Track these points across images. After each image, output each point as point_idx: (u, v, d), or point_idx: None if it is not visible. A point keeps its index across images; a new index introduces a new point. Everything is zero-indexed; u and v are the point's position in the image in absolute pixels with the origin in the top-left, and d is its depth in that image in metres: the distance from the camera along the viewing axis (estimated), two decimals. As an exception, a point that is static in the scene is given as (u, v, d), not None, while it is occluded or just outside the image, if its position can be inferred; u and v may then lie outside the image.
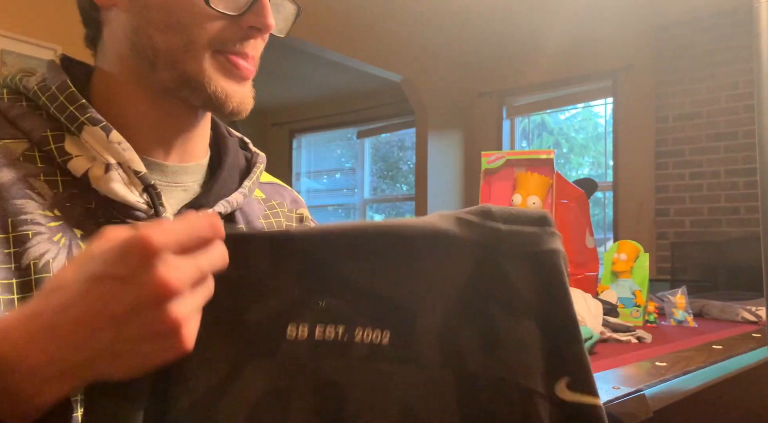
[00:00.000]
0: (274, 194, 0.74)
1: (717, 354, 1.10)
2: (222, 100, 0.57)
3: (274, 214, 0.71)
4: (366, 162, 6.14)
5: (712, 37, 3.99)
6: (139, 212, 0.55)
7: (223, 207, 0.61)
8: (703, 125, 4.03)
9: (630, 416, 0.77)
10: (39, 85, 0.56)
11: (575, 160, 5.41)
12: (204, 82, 0.56)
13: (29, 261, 0.50)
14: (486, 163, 1.78)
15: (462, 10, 4.04)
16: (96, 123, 0.54)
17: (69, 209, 0.53)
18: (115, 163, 0.54)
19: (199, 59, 0.56)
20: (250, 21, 0.57)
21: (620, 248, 1.66)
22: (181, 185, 0.62)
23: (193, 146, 0.63)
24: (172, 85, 0.57)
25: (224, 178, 0.64)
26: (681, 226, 4.11)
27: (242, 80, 0.59)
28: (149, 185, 0.56)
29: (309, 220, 0.76)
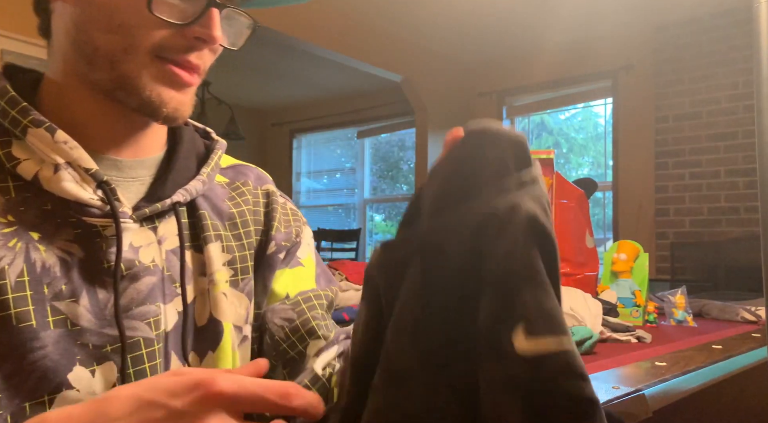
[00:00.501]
0: (236, 176, 0.72)
1: (717, 354, 1.10)
2: (156, 105, 0.56)
3: (240, 193, 0.70)
4: (366, 162, 6.14)
5: (712, 37, 3.99)
6: (94, 209, 0.54)
7: (181, 196, 0.61)
8: (703, 125, 4.03)
9: (630, 416, 0.77)
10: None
11: (575, 160, 5.41)
12: (139, 86, 0.55)
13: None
14: (486, 163, 1.78)
15: (462, 11, 4.04)
16: (39, 124, 0.53)
17: (23, 213, 0.53)
18: (64, 163, 0.54)
19: (138, 63, 0.55)
20: (196, 32, 0.56)
21: (620, 248, 1.66)
22: (138, 179, 0.61)
23: (148, 141, 0.63)
24: (108, 86, 0.56)
25: (180, 168, 0.63)
26: (681, 226, 4.11)
27: (181, 88, 0.58)
28: (102, 181, 0.55)
29: (276, 194, 0.74)
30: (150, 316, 0.57)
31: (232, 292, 0.65)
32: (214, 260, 0.63)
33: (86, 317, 0.53)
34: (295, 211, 0.76)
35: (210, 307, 0.62)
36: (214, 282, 0.63)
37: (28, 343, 0.50)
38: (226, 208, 0.67)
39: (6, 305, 0.49)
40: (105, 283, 0.55)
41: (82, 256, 0.54)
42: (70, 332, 0.52)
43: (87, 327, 0.53)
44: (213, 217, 0.65)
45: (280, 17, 3.76)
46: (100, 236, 0.55)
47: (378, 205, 6.23)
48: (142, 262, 0.57)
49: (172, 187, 0.61)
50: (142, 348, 0.56)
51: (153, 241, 0.59)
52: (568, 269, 1.68)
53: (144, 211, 0.58)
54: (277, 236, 0.71)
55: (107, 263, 0.55)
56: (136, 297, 0.57)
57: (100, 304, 0.54)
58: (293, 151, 6.51)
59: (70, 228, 0.54)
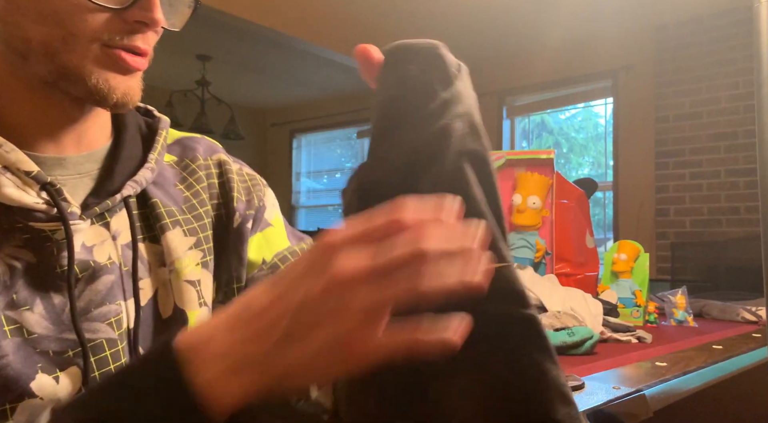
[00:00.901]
0: (184, 151, 0.69)
1: (717, 354, 1.10)
2: (104, 92, 0.53)
3: (191, 172, 0.67)
4: (366, 162, 6.13)
5: (712, 37, 3.99)
6: (40, 214, 0.52)
7: (131, 188, 0.59)
8: (703, 125, 4.03)
9: (630, 416, 0.77)
10: None
11: (575, 160, 5.41)
12: (84, 74, 0.52)
13: None
14: (486, 163, 1.78)
15: (462, 11, 4.04)
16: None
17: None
18: (1, 168, 0.51)
19: (80, 52, 0.51)
20: (136, 15, 0.52)
21: (620, 248, 1.66)
22: (86, 175, 0.58)
23: (92, 133, 0.60)
24: (50, 78, 0.52)
25: (126, 157, 0.61)
26: (681, 226, 4.11)
27: (128, 73, 0.54)
28: (46, 183, 0.52)
29: (229, 162, 0.71)
30: (111, 315, 0.56)
31: (206, 273, 0.63)
32: (174, 248, 0.61)
33: (42, 324, 0.52)
34: (252, 175, 0.74)
35: (174, 298, 0.60)
36: (176, 271, 0.61)
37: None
38: (178, 192, 0.65)
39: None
40: (60, 287, 0.53)
41: (33, 262, 0.52)
42: (27, 340, 0.51)
43: (44, 334, 0.52)
44: (167, 204, 0.63)
45: (280, 17, 3.76)
46: (51, 240, 0.53)
47: (378, 205, 6.23)
48: (98, 262, 0.56)
49: (121, 179, 0.59)
50: (106, 349, 0.55)
51: (107, 238, 0.57)
52: (569, 269, 1.68)
53: (94, 209, 0.56)
54: (239, 207, 0.69)
55: (60, 267, 0.53)
56: (94, 298, 0.55)
57: (56, 309, 0.53)
58: (293, 151, 6.50)
59: (18, 233, 0.52)
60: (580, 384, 0.80)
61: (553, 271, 1.66)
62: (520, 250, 1.70)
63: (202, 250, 0.64)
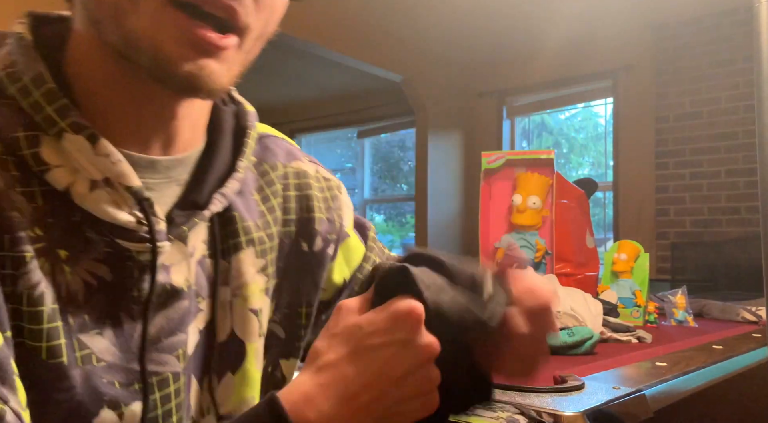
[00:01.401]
0: (264, 153, 0.62)
1: (717, 354, 1.10)
2: (164, 66, 0.43)
3: (268, 182, 0.61)
4: (366, 162, 6.14)
5: (712, 37, 3.99)
6: (131, 232, 0.46)
7: (219, 203, 0.52)
8: (703, 125, 4.03)
9: (630, 416, 0.77)
10: (6, 70, 0.44)
11: (575, 160, 5.41)
12: (148, 41, 0.42)
13: (23, 290, 0.42)
14: (486, 163, 1.78)
15: (462, 10, 4.04)
16: (80, 130, 0.44)
17: (51, 226, 0.44)
18: (102, 179, 0.45)
19: (146, 11, 0.42)
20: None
21: (620, 248, 1.66)
22: (175, 181, 0.51)
23: (183, 134, 0.51)
24: (121, 48, 0.44)
25: (217, 164, 0.53)
26: (681, 226, 4.10)
27: (202, 49, 0.43)
28: (143, 199, 0.46)
29: (308, 173, 0.64)
30: (179, 346, 0.50)
31: (266, 301, 0.58)
32: (244, 271, 0.55)
33: (111, 351, 0.46)
34: (329, 179, 0.67)
35: (233, 324, 0.54)
36: (242, 296, 0.55)
37: (56, 383, 0.43)
38: (254, 203, 0.58)
39: (39, 336, 0.42)
40: (132, 311, 0.47)
41: (109, 281, 0.46)
42: (95, 369, 0.45)
43: (112, 362, 0.46)
44: (245, 218, 0.56)
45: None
46: (133, 260, 0.47)
47: (378, 206, 6.23)
48: (175, 285, 0.50)
49: (209, 189, 0.52)
50: (171, 384, 0.49)
51: (185, 256, 0.51)
52: (569, 269, 1.68)
53: (182, 228, 0.49)
54: (321, 229, 0.63)
55: (137, 291, 0.47)
56: (165, 326, 0.49)
57: (125, 335, 0.47)
58: (293, 151, 6.50)
59: (101, 245, 0.46)
60: (580, 384, 0.80)
61: (553, 271, 1.66)
62: (520, 250, 1.70)
63: (266, 275, 0.58)
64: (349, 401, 0.41)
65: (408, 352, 0.41)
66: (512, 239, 1.72)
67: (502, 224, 1.77)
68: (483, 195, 1.79)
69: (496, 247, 1.75)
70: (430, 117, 4.91)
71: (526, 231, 1.72)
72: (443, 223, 4.98)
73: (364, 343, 0.42)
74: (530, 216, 1.71)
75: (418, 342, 0.41)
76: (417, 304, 0.42)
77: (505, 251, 0.58)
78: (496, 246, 1.75)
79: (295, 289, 0.61)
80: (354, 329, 0.43)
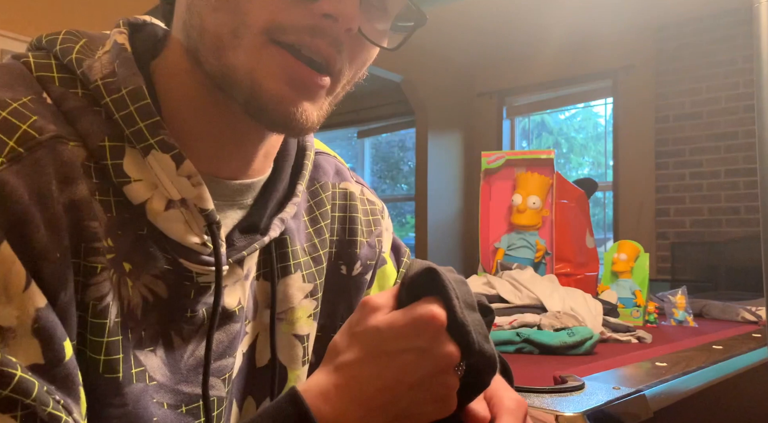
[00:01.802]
0: (316, 172, 0.61)
1: (717, 354, 1.10)
2: (264, 104, 0.44)
3: (318, 203, 0.60)
4: (366, 162, 6.14)
5: (712, 37, 3.99)
6: (195, 253, 0.46)
7: (278, 228, 0.52)
8: (703, 125, 4.03)
9: (630, 416, 0.77)
10: (105, 80, 0.44)
11: (575, 160, 5.41)
12: (247, 77, 0.44)
13: (90, 300, 0.42)
14: (486, 163, 1.78)
15: (462, 11, 4.03)
16: (168, 150, 0.44)
17: (120, 238, 0.44)
18: (179, 200, 0.45)
19: (248, 47, 0.43)
20: (324, 7, 0.43)
21: (620, 248, 1.66)
22: (237, 204, 0.52)
23: (261, 159, 0.52)
24: (218, 78, 0.45)
25: (279, 188, 0.54)
26: (681, 226, 4.10)
27: (300, 87, 0.45)
28: (213, 223, 0.46)
29: (355, 195, 0.64)
30: (227, 370, 0.50)
31: (313, 325, 0.58)
32: (291, 296, 0.55)
33: (162, 371, 0.46)
34: (373, 201, 0.67)
35: (275, 348, 0.54)
36: (288, 321, 0.55)
37: (109, 399, 0.43)
38: (304, 226, 0.58)
39: (99, 349, 0.42)
40: (183, 332, 0.47)
41: (165, 298, 0.46)
42: (147, 388, 0.45)
43: (162, 382, 0.46)
44: (295, 242, 0.56)
45: (280, 17, 3.75)
46: (191, 280, 0.47)
47: (378, 205, 6.24)
48: (228, 308, 0.50)
49: (270, 214, 0.52)
50: (215, 408, 0.49)
51: (240, 278, 0.51)
52: (569, 269, 1.68)
53: (242, 253, 0.49)
54: (362, 254, 0.63)
55: (191, 312, 0.47)
56: (215, 350, 0.49)
57: (175, 355, 0.47)
58: (293, 151, 6.50)
59: (161, 262, 0.46)
60: (580, 384, 0.80)
61: (553, 271, 1.66)
62: (520, 250, 1.70)
63: (315, 300, 0.58)
64: (364, 403, 0.41)
65: (426, 360, 0.41)
66: (512, 239, 1.72)
67: (502, 224, 1.77)
68: (483, 195, 1.79)
69: (496, 247, 1.75)
70: (430, 117, 4.91)
71: (526, 231, 1.72)
72: (443, 223, 4.98)
73: (383, 348, 0.42)
74: (530, 216, 1.71)
75: (437, 350, 0.41)
76: (440, 312, 0.42)
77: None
78: (496, 246, 1.75)
79: (329, 312, 0.61)
80: (374, 332, 0.42)
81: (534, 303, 1.30)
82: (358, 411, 0.41)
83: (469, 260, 5.02)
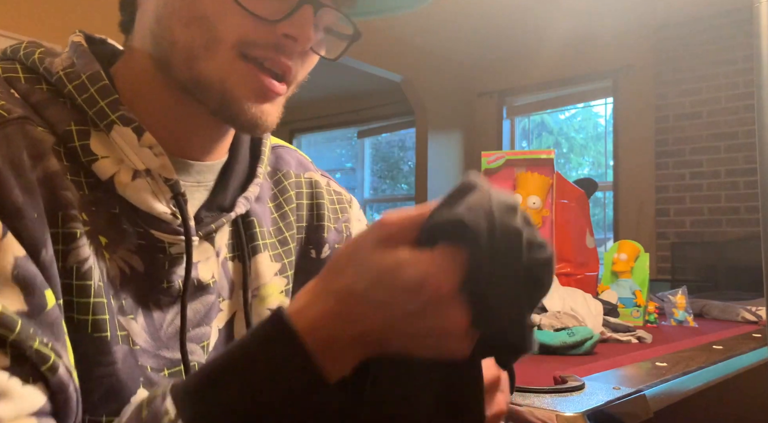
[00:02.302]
0: (278, 162, 0.66)
1: (717, 354, 1.10)
2: (235, 111, 0.50)
3: (282, 189, 0.65)
4: (366, 162, 6.14)
5: (712, 37, 3.99)
6: (164, 223, 0.50)
7: (243, 206, 0.57)
8: (703, 125, 4.03)
9: (630, 416, 0.77)
10: (66, 70, 0.49)
11: (575, 160, 5.41)
12: (219, 87, 0.50)
13: (73, 263, 0.45)
14: (486, 163, 1.78)
15: (462, 11, 4.03)
16: (128, 123, 0.49)
17: (95, 214, 0.48)
18: (144, 170, 0.49)
19: (219, 61, 0.49)
20: (285, 28, 0.49)
21: (620, 248, 1.66)
22: (204, 185, 0.56)
23: (221, 145, 0.58)
24: (188, 85, 0.51)
25: (239, 170, 0.59)
26: (681, 226, 4.10)
27: (263, 95, 0.51)
28: (178, 194, 0.51)
29: (320, 184, 0.68)
30: (204, 338, 0.54)
31: (287, 302, 0.61)
32: (262, 273, 0.59)
33: (143, 337, 0.50)
34: (339, 191, 0.72)
35: (251, 324, 0.58)
36: (260, 297, 0.59)
37: (99, 357, 0.46)
38: (269, 211, 0.63)
39: (86, 309, 0.45)
40: (160, 302, 0.51)
41: (141, 271, 0.50)
42: (133, 350, 0.48)
43: (145, 348, 0.50)
44: (262, 223, 0.61)
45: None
46: (164, 252, 0.51)
47: (378, 206, 6.23)
48: (201, 280, 0.54)
49: (233, 193, 0.57)
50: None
51: (212, 255, 0.55)
52: (569, 269, 1.68)
53: (210, 226, 0.54)
54: (329, 238, 0.67)
55: (167, 283, 0.51)
56: (192, 318, 0.53)
57: (155, 324, 0.51)
58: (293, 151, 6.51)
59: (134, 237, 0.50)
60: (580, 384, 0.80)
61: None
62: (520, 250, 1.70)
63: (286, 277, 0.62)
64: (352, 324, 0.37)
65: (409, 291, 0.36)
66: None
67: (502, 224, 1.77)
68: (483, 195, 1.79)
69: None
70: (430, 117, 4.91)
71: (526, 231, 1.72)
72: (443, 223, 4.98)
73: (377, 295, 0.36)
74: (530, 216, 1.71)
75: (435, 318, 0.36)
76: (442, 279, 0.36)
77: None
78: (496, 246, 1.75)
79: None
80: (381, 268, 0.37)
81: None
82: (341, 322, 0.37)
83: (469, 260, 5.01)
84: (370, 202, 6.14)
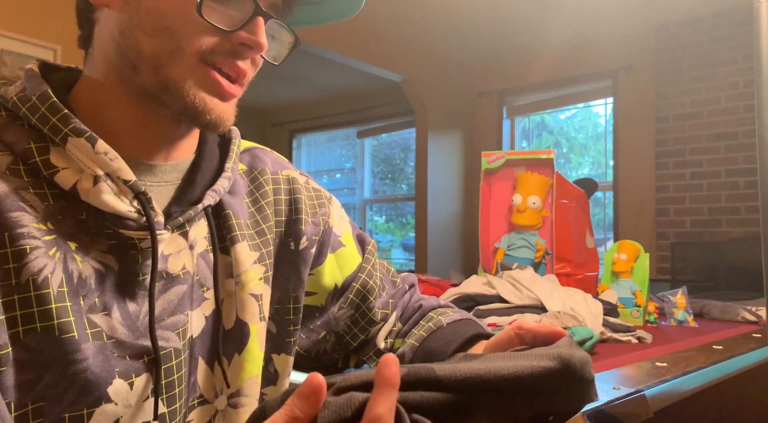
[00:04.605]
0: (253, 161, 0.72)
1: (717, 354, 1.10)
2: (199, 111, 0.56)
3: (258, 186, 0.70)
4: (366, 162, 6.14)
5: (712, 37, 3.99)
6: (131, 222, 0.54)
7: (211, 198, 0.61)
8: (703, 125, 4.03)
9: (630, 417, 0.77)
10: (18, 95, 0.54)
11: (575, 160, 5.41)
12: (183, 90, 0.55)
13: (28, 276, 0.49)
14: (486, 163, 1.78)
15: (462, 11, 4.03)
16: (80, 134, 0.53)
17: (61, 222, 0.52)
18: (103, 174, 0.53)
19: (183, 67, 0.55)
20: (242, 37, 0.56)
21: (620, 248, 1.66)
22: (171, 183, 0.61)
23: (181, 147, 0.62)
24: (154, 90, 0.56)
25: (206, 168, 0.64)
26: (681, 226, 4.11)
27: (223, 97, 0.58)
28: (139, 192, 0.55)
29: (298, 181, 0.74)
30: (180, 325, 0.58)
31: (267, 288, 0.66)
32: (242, 261, 0.64)
33: (120, 330, 0.54)
34: (317, 188, 0.77)
35: (236, 309, 0.63)
36: (241, 283, 0.63)
37: (70, 355, 0.49)
38: (245, 206, 0.68)
39: (49, 315, 0.49)
40: (136, 295, 0.55)
41: (116, 268, 0.55)
42: (106, 344, 0.52)
43: (122, 339, 0.53)
44: (238, 216, 0.66)
45: (280, 17, 3.75)
46: (136, 248, 0.55)
47: (379, 205, 6.23)
48: (171, 273, 0.58)
49: (201, 188, 0.61)
50: (173, 359, 0.57)
51: (184, 247, 0.60)
52: (569, 269, 1.68)
53: (178, 219, 0.58)
54: (307, 230, 0.72)
55: (142, 276, 0.56)
56: (166, 307, 0.57)
57: (131, 316, 0.55)
58: (293, 151, 6.51)
59: (104, 239, 0.54)
60: (580, 384, 0.80)
61: (553, 271, 1.66)
62: (520, 250, 1.70)
63: (264, 265, 0.66)
64: None
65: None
66: (512, 239, 1.72)
67: (502, 224, 1.77)
68: (483, 195, 1.79)
69: (496, 247, 1.75)
70: (430, 117, 4.91)
71: (526, 231, 1.72)
72: (443, 223, 4.99)
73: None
74: (530, 216, 1.71)
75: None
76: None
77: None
78: (496, 246, 1.75)
79: (284, 285, 0.70)
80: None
81: (534, 303, 1.30)
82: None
83: (469, 260, 5.02)
84: (370, 202, 6.14)
